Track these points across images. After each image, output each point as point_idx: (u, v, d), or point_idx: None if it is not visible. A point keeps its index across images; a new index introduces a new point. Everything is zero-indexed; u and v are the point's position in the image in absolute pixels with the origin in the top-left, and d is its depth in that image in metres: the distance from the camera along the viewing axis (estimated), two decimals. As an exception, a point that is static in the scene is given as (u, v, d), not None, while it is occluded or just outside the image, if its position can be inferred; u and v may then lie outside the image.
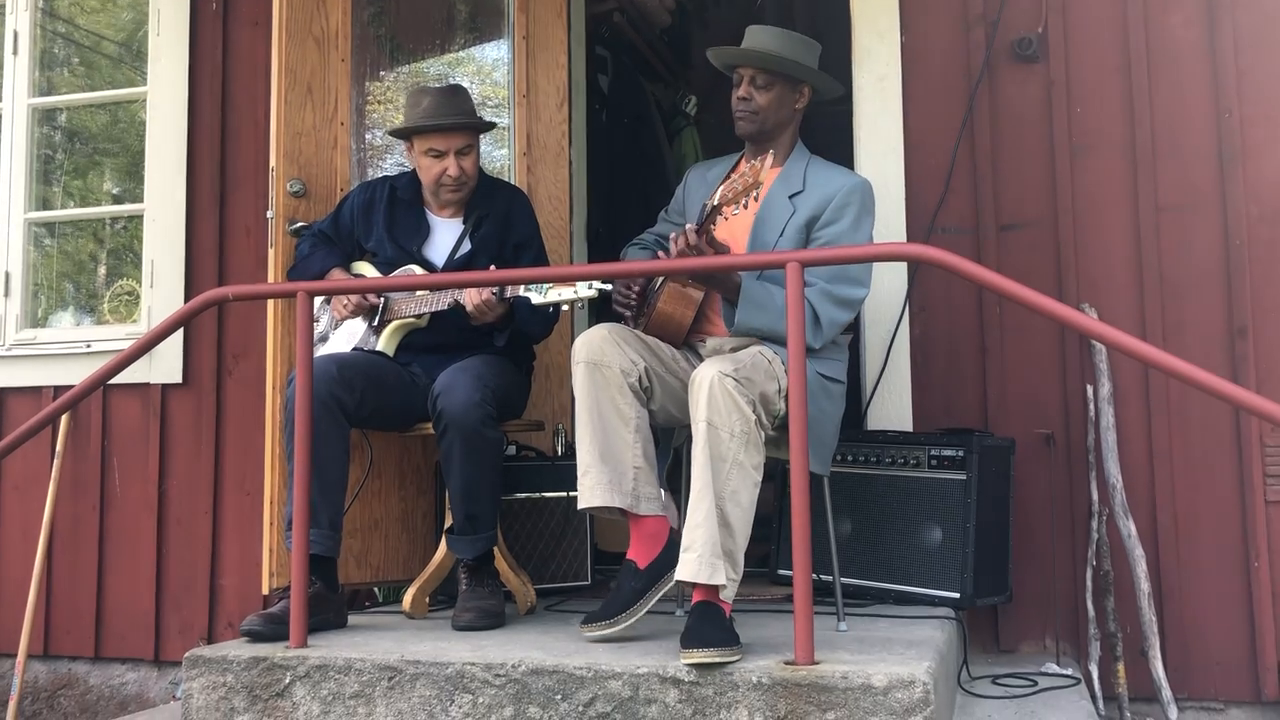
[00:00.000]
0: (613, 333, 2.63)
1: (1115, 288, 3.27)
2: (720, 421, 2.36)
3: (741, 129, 2.90)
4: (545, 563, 3.32)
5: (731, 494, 2.36)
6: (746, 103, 2.87)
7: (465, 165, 3.08)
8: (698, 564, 2.31)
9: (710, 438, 2.36)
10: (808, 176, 2.84)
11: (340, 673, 2.41)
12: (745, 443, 2.37)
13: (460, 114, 3.06)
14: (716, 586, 2.32)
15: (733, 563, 2.35)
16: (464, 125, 3.06)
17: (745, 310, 2.62)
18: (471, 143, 3.10)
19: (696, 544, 2.32)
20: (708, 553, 2.31)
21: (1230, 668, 3.10)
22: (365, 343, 3.09)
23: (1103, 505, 3.16)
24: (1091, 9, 3.36)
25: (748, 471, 2.38)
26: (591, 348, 2.59)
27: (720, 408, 2.36)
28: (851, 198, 2.76)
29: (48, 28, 4.42)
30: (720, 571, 2.31)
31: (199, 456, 3.91)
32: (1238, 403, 2.17)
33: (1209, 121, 3.24)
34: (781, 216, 2.79)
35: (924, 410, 3.37)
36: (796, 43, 2.89)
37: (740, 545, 2.37)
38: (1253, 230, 3.19)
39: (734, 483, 2.36)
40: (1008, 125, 3.40)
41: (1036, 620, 3.24)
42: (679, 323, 2.79)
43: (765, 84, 2.85)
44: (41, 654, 3.96)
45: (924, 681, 2.09)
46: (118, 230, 4.50)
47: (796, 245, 2.76)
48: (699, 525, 2.33)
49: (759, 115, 2.86)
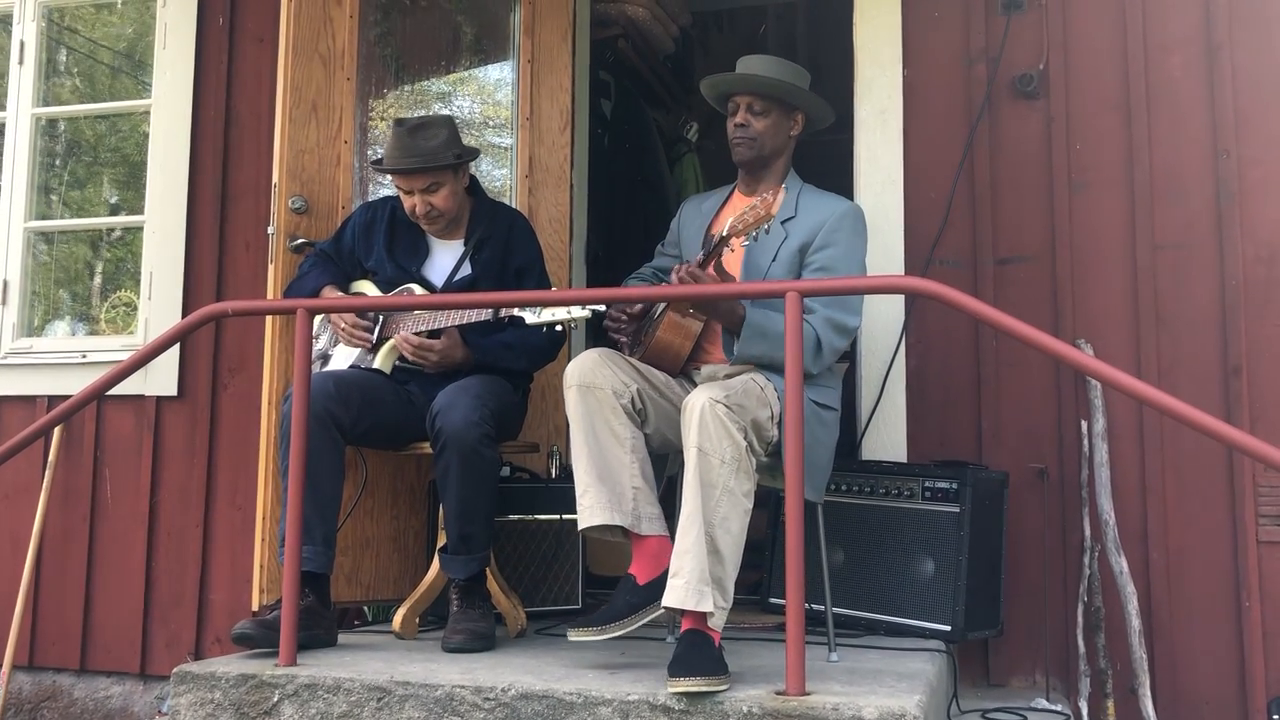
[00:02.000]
0: (603, 356, 2.64)
1: (1111, 324, 3.29)
2: (711, 448, 2.36)
3: (740, 155, 2.92)
4: (537, 585, 3.31)
5: (721, 520, 2.35)
6: (744, 129, 2.89)
7: (434, 201, 3.06)
8: (685, 590, 2.30)
9: (701, 464, 2.35)
10: (800, 203, 2.87)
11: (329, 692, 2.39)
12: (736, 469, 2.37)
13: (415, 155, 2.99)
14: (704, 614, 2.31)
15: (722, 590, 2.34)
16: (416, 170, 3.01)
17: (747, 340, 2.63)
18: (437, 180, 3.04)
19: (684, 570, 2.32)
20: (695, 579, 2.30)
21: (1220, 707, 3.10)
22: (362, 360, 3.09)
23: (1095, 541, 3.16)
24: (1092, 47, 3.40)
25: (738, 499, 2.38)
26: (583, 371, 2.60)
27: (711, 434, 2.36)
28: (843, 222, 2.79)
29: (54, 38, 4.44)
30: (708, 599, 2.30)
31: (192, 470, 3.90)
32: (1231, 443, 2.18)
33: (1207, 161, 3.27)
34: (774, 242, 2.81)
35: (918, 442, 3.38)
36: (789, 69, 2.93)
37: (730, 573, 2.36)
38: (1249, 270, 3.21)
39: (724, 509, 2.35)
40: (1007, 160, 3.43)
41: (1027, 655, 3.24)
42: (677, 352, 2.79)
43: (762, 110, 2.88)
44: (26, 665, 3.93)
45: (914, 715, 2.09)
46: (116, 241, 4.50)
47: (790, 270, 2.78)
48: (687, 551, 2.32)
49: (756, 142, 2.89)
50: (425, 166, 3.01)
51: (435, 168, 3.03)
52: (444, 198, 3.07)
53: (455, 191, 3.10)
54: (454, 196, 3.10)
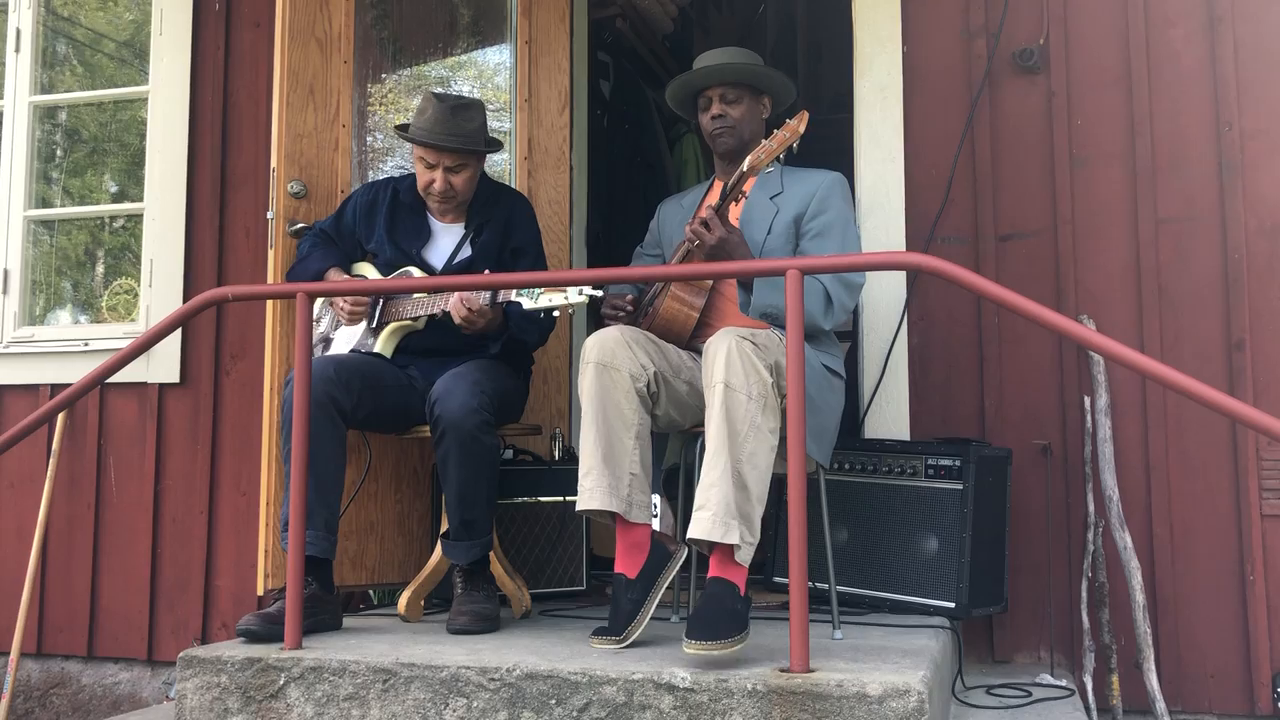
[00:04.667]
0: (625, 334, 2.63)
1: (1114, 299, 3.28)
2: (738, 384, 2.35)
3: (724, 145, 3.00)
4: (541, 567, 3.31)
5: (749, 456, 2.33)
6: (722, 119, 2.99)
7: (455, 182, 3.06)
8: (711, 522, 2.28)
9: (728, 400, 2.34)
10: (784, 179, 2.96)
11: (335, 675, 2.40)
12: (763, 406, 2.36)
13: (455, 136, 3.00)
14: (731, 546, 2.30)
15: (749, 525, 2.32)
16: (452, 149, 3.02)
17: (762, 289, 2.66)
18: (466, 162, 3.05)
19: (710, 503, 2.30)
20: (722, 512, 2.28)
21: (1225, 681, 3.10)
22: (363, 344, 3.09)
23: (1099, 517, 3.16)
24: (1093, 21, 3.38)
25: (764, 435, 2.36)
26: (604, 349, 2.59)
27: (739, 370, 2.35)
28: (832, 190, 2.89)
29: (50, 26, 4.42)
30: (735, 530, 2.29)
31: (195, 456, 3.90)
32: (1235, 416, 2.18)
33: (1209, 134, 3.25)
34: (766, 216, 2.88)
35: (921, 419, 3.38)
36: (749, 55, 3.03)
37: (757, 509, 2.34)
38: (1251, 243, 3.19)
39: (751, 444, 2.34)
40: (1008, 136, 3.41)
41: (1031, 631, 3.24)
42: (683, 323, 2.82)
43: (735, 98, 2.99)
44: (34, 652, 3.95)
45: (919, 691, 2.09)
46: (116, 229, 4.50)
47: (787, 242, 2.86)
48: (714, 485, 2.31)
49: (736, 128, 2.98)
50: (463, 148, 3.02)
51: (469, 150, 3.04)
52: (464, 180, 3.08)
53: (474, 177, 3.12)
54: (473, 181, 3.12)
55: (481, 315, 2.89)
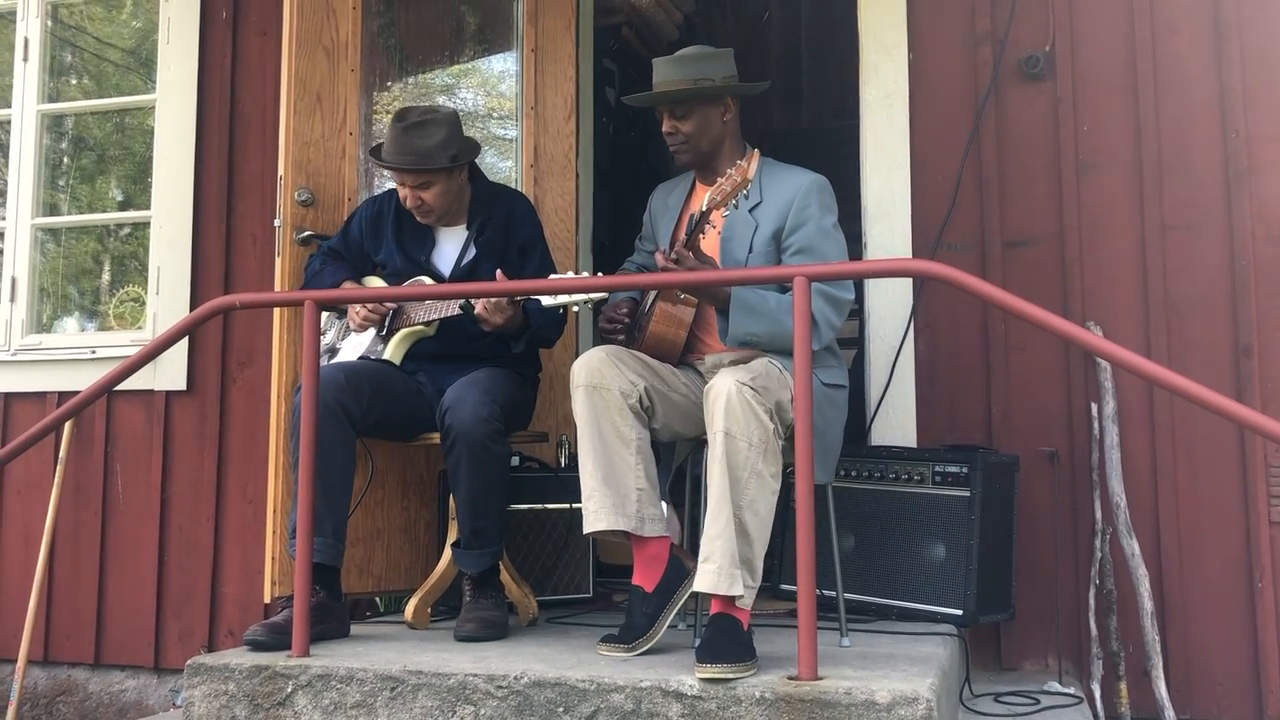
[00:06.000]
0: (610, 354, 2.65)
1: (1120, 306, 3.27)
2: (739, 431, 2.36)
3: (682, 161, 2.93)
4: (548, 574, 3.31)
5: (749, 503, 2.36)
6: (674, 136, 2.89)
7: (425, 197, 3.05)
8: (716, 575, 2.32)
9: (729, 448, 2.36)
10: (763, 187, 2.82)
11: (342, 682, 2.40)
12: (764, 452, 2.38)
13: (409, 154, 2.99)
14: (734, 597, 2.33)
15: (750, 570, 2.36)
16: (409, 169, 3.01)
17: (737, 317, 2.61)
18: (429, 179, 3.04)
19: (715, 555, 2.33)
20: (726, 564, 2.32)
21: (1233, 688, 3.09)
22: (372, 351, 3.09)
23: (1106, 523, 3.15)
24: (1099, 28, 3.38)
25: (765, 480, 2.39)
26: (590, 371, 2.61)
27: (739, 417, 2.37)
28: (809, 199, 2.76)
29: (58, 35, 4.44)
30: (739, 582, 2.33)
31: (202, 464, 3.91)
32: (1242, 422, 2.17)
33: (1215, 140, 3.25)
34: (746, 232, 2.79)
35: (928, 426, 3.37)
36: (702, 60, 2.89)
37: (758, 553, 2.38)
38: (1258, 249, 3.19)
39: (752, 491, 2.36)
40: (1014, 142, 3.41)
41: (1039, 638, 3.23)
42: (672, 341, 2.80)
43: (684, 113, 2.86)
44: (41, 660, 3.95)
45: (927, 699, 2.09)
46: (123, 236, 4.51)
47: (769, 259, 2.76)
48: (718, 536, 2.34)
49: (690, 143, 2.87)
50: (415, 168, 3.02)
51: (423, 170, 3.03)
52: (434, 195, 3.07)
53: (447, 190, 3.09)
54: (445, 194, 3.10)
55: (500, 312, 2.90)
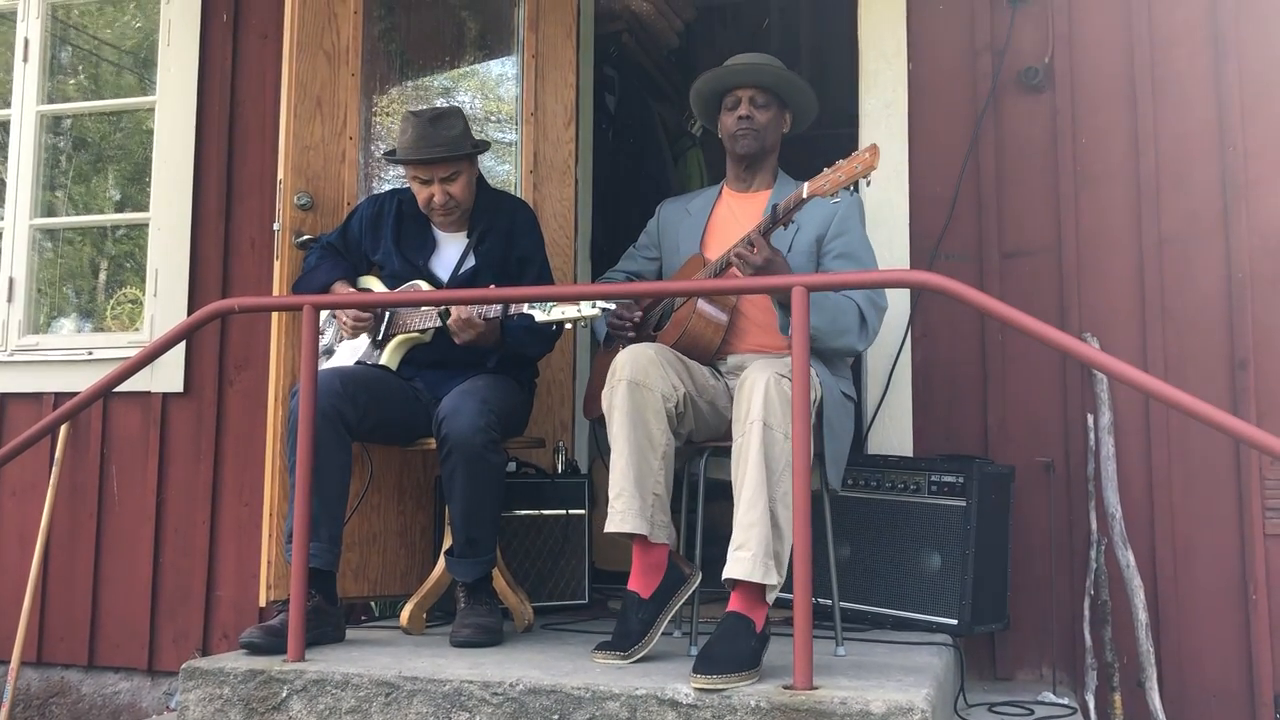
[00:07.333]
0: (659, 354, 2.63)
1: (1117, 318, 3.28)
2: (776, 422, 2.37)
3: (745, 147, 2.98)
4: (543, 580, 3.31)
5: (783, 495, 2.36)
6: (749, 121, 2.96)
7: (452, 190, 3.06)
8: (752, 563, 2.32)
9: (766, 438, 2.36)
10: None
11: (337, 688, 2.40)
12: None
13: (439, 145, 3.01)
14: (764, 587, 2.33)
15: (780, 566, 2.36)
16: (440, 159, 3.02)
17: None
18: (457, 169, 3.05)
19: (751, 543, 2.33)
20: (761, 552, 2.32)
21: (1227, 701, 3.09)
22: (369, 356, 3.09)
23: (1102, 535, 3.16)
24: (1097, 40, 3.39)
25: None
26: (637, 366, 2.58)
27: (777, 409, 2.37)
28: (852, 211, 2.90)
29: (58, 35, 4.44)
30: (772, 573, 2.33)
31: (198, 466, 3.90)
32: (1238, 435, 2.18)
33: (1213, 154, 3.26)
34: (785, 236, 2.85)
35: (925, 436, 3.38)
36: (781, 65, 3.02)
37: (786, 549, 2.37)
38: (1255, 263, 3.20)
39: (786, 484, 2.36)
40: (1013, 153, 3.42)
41: (1034, 649, 3.24)
42: (710, 340, 2.83)
43: (764, 103, 2.98)
44: (34, 661, 3.94)
45: (923, 709, 2.09)
46: (121, 238, 4.50)
47: (808, 261, 2.86)
48: (754, 525, 2.33)
49: (760, 133, 2.97)
50: (449, 155, 3.02)
51: (457, 156, 3.04)
52: (461, 187, 3.08)
53: (470, 181, 3.12)
54: (470, 186, 3.12)
55: (472, 327, 2.90)
